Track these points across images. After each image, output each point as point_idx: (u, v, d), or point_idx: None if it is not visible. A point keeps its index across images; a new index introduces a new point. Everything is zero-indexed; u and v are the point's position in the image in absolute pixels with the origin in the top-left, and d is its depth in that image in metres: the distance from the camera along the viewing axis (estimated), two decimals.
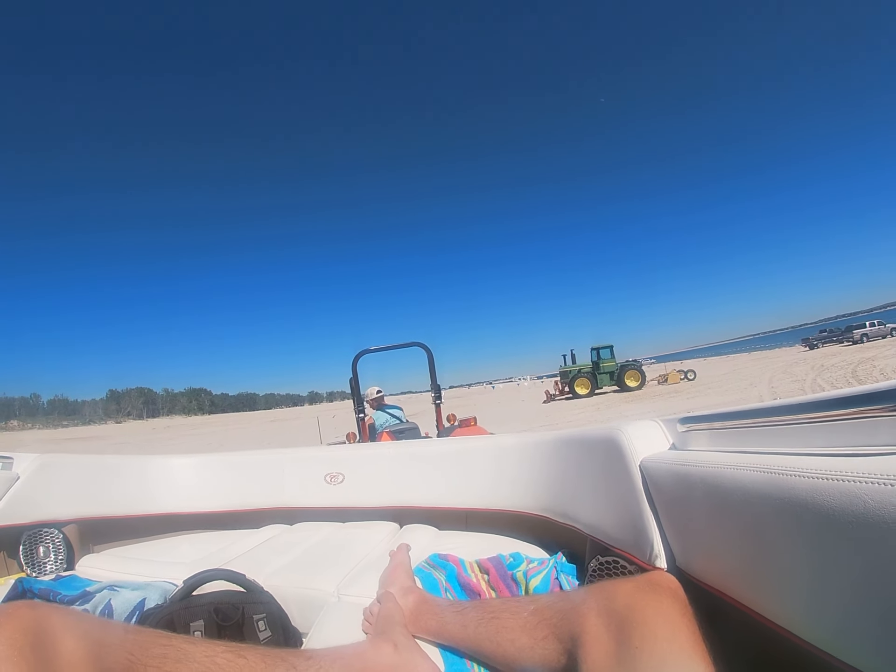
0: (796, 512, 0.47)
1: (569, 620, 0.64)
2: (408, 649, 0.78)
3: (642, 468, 0.81)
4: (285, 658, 0.67)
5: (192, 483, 1.86)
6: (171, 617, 0.97)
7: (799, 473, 0.47)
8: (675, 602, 0.59)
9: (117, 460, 1.83)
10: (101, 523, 1.61)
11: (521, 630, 0.70)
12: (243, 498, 1.82)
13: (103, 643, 0.55)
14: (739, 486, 0.55)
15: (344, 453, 1.86)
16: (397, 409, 4.60)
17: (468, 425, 3.83)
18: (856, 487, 0.41)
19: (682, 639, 0.53)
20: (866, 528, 0.40)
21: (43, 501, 1.50)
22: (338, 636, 0.87)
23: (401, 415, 4.53)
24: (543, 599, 0.76)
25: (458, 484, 1.52)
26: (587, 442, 1.06)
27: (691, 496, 0.66)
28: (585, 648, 0.58)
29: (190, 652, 0.60)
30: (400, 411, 4.58)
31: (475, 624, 0.77)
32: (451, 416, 4.15)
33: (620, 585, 0.65)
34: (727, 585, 0.61)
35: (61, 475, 1.58)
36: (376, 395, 4.60)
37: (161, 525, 1.77)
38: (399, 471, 1.66)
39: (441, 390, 3.80)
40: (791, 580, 0.48)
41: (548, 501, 1.22)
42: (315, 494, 1.73)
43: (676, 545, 0.73)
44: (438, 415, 3.85)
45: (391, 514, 1.66)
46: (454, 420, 4.07)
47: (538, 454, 1.33)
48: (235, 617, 0.99)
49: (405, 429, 4.03)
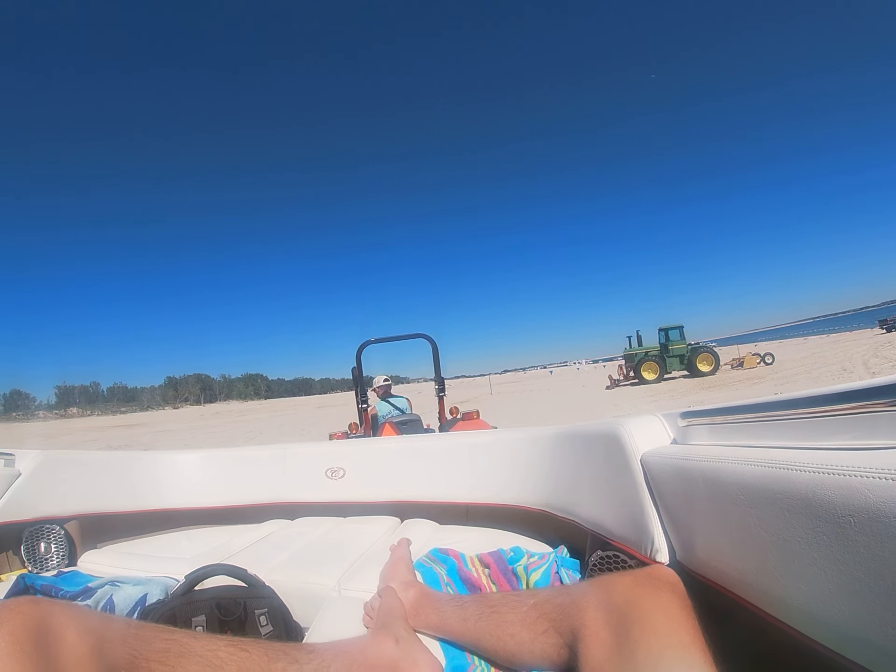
0: (797, 506, 0.47)
1: (569, 614, 0.64)
2: (409, 643, 0.78)
3: (643, 462, 0.81)
4: (287, 652, 0.67)
5: (193, 478, 1.86)
6: (172, 612, 0.98)
7: (799, 468, 0.47)
8: (674, 596, 0.59)
9: (119, 456, 1.84)
10: (102, 519, 1.61)
11: (521, 624, 0.70)
12: (244, 493, 1.83)
13: (105, 638, 0.55)
14: (740, 481, 0.55)
15: (344, 448, 1.86)
16: (402, 400, 4.53)
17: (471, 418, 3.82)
18: (856, 482, 0.41)
19: (682, 633, 0.53)
20: (867, 522, 0.40)
21: (45, 498, 1.50)
22: (339, 630, 0.88)
23: (404, 406, 4.47)
24: (544, 593, 0.76)
25: (459, 478, 1.53)
26: (588, 436, 1.07)
27: (692, 491, 0.66)
28: (585, 642, 0.58)
29: (192, 646, 0.60)
30: (404, 402, 4.52)
31: (475, 618, 0.77)
32: (453, 408, 4.13)
33: (620, 580, 0.65)
34: (727, 580, 0.61)
35: (63, 471, 1.58)
36: (383, 383, 4.53)
37: (162, 521, 1.78)
38: (400, 465, 1.66)
39: (445, 382, 3.76)
40: (791, 574, 0.48)
41: (548, 496, 1.23)
42: (316, 489, 1.74)
43: (677, 540, 0.73)
44: (441, 407, 3.84)
45: (392, 509, 1.66)
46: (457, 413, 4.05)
47: (539, 448, 1.33)
48: (237, 612, 0.99)
49: (408, 420, 3.97)
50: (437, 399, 3.79)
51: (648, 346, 19.68)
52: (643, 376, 18.26)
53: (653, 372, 18.31)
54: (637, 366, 18.56)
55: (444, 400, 3.83)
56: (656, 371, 18.31)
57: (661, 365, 18.35)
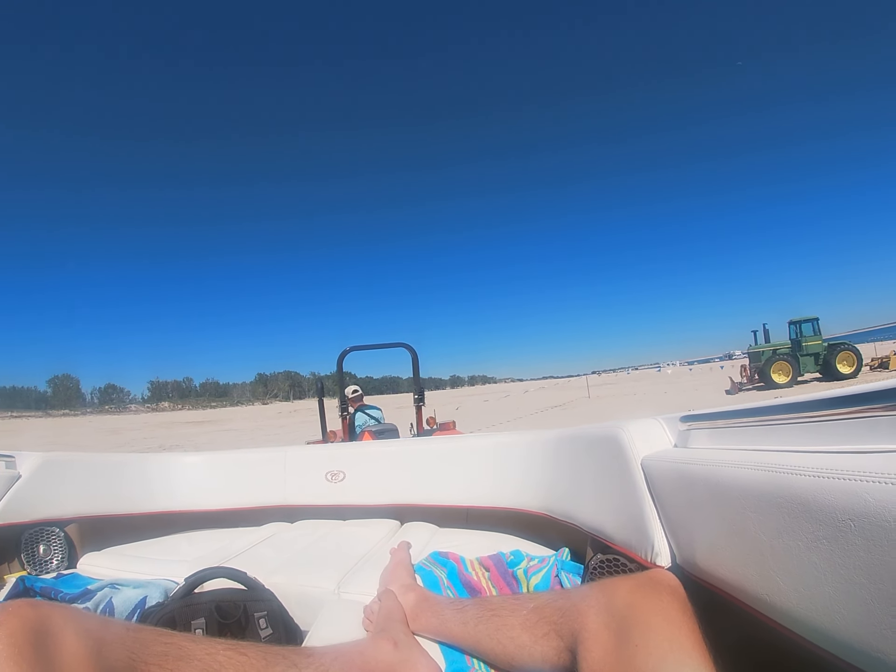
0: (797, 510, 0.47)
1: (569, 618, 0.64)
2: (408, 647, 0.78)
3: (643, 466, 0.81)
4: (286, 655, 0.67)
5: (193, 481, 1.86)
6: (172, 615, 0.97)
7: (800, 472, 0.47)
8: (675, 600, 0.59)
9: (118, 459, 1.84)
10: (102, 522, 1.61)
11: (521, 627, 0.70)
12: (244, 496, 1.83)
13: (104, 641, 0.55)
14: (740, 484, 0.55)
15: (344, 451, 1.86)
16: (376, 410, 4.65)
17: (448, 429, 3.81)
18: (856, 486, 0.41)
19: (682, 637, 0.53)
20: (867, 526, 0.39)
21: (44, 500, 1.50)
22: (338, 634, 0.88)
23: (379, 416, 4.58)
24: (544, 597, 0.76)
25: (459, 482, 1.53)
26: (588, 440, 1.06)
27: (692, 494, 0.66)
28: (585, 646, 0.58)
29: (191, 650, 0.60)
30: (378, 412, 4.63)
31: (475, 621, 0.77)
32: (430, 419, 4.16)
33: (621, 583, 0.65)
34: (728, 583, 0.61)
35: (63, 474, 1.58)
36: (352, 394, 4.59)
37: (162, 523, 1.77)
38: (399, 468, 1.66)
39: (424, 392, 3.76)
40: (791, 578, 0.48)
41: (548, 499, 1.23)
42: (316, 492, 1.74)
43: (677, 543, 0.73)
44: (419, 417, 3.82)
45: (392, 512, 1.66)
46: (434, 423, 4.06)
47: (539, 452, 1.33)
48: (236, 615, 0.99)
49: (384, 430, 4.03)
50: (415, 408, 3.77)
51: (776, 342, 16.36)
52: (773, 379, 14.97)
53: (784, 374, 15.04)
54: (765, 366, 15.25)
55: (422, 409, 3.83)
56: (788, 373, 15.01)
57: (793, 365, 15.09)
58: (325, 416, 3.93)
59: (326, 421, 3.94)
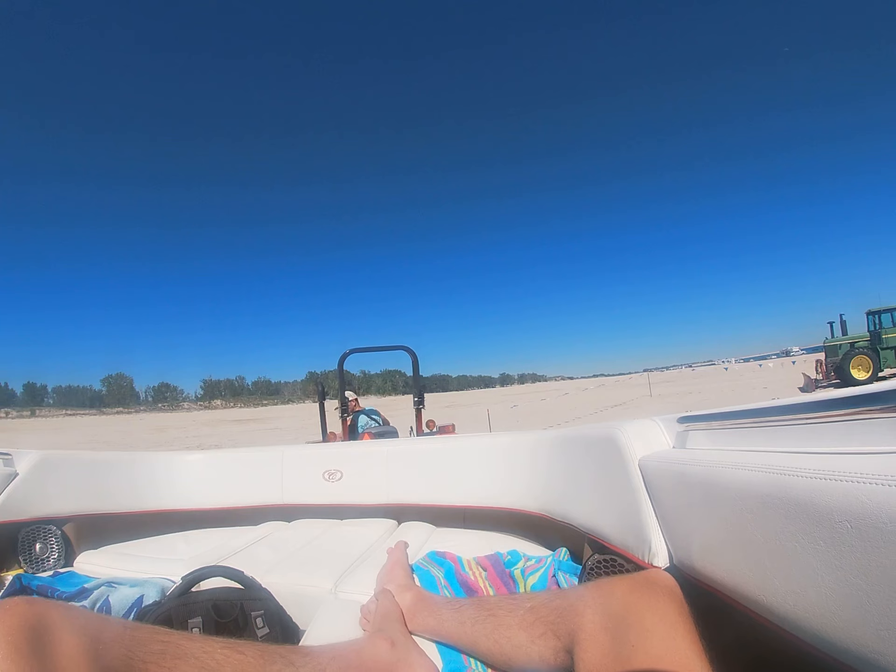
0: (795, 511, 0.47)
1: (566, 618, 0.64)
2: (405, 646, 0.78)
3: (641, 467, 0.81)
4: (283, 654, 0.67)
5: (190, 480, 1.86)
6: (169, 613, 0.97)
7: (797, 473, 0.47)
8: (672, 600, 0.59)
9: (116, 457, 1.84)
10: (99, 520, 1.61)
11: (518, 627, 0.70)
12: (241, 495, 1.82)
13: (101, 639, 0.54)
14: (738, 486, 0.55)
15: (342, 451, 1.86)
16: (374, 413, 4.82)
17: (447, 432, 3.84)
18: (854, 487, 0.41)
19: (679, 637, 0.53)
20: (864, 527, 0.40)
21: (41, 498, 1.50)
22: (335, 633, 0.87)
23: (378, 418, 4.74)
24: (540, 597, 0.76)
25: (457, 482, 1.53)
26: (586, 440, 1.07)
27: (689, 495, 0.66)
28: (582, 646, 0.58)
29: (188, 648, 0.60)
30: (377, 415, 4.79)
31: (472, 621, 0.77)
32: (430, 422, 4.24)
33: (618, 583, 0.65)
34: (725, 584, 0.61)
35: (60, 472, 1.57)
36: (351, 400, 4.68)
37: (159, 522, 1.77)
38: (397, 468, 1.66)
39: (424, 394, 3.78)
40: (788, 579, 0.48)
41: (546, 500, 1.23)
42: (313, 492, 1.73)
43: (674, 544, 0.73)
44: (419, 420, 3.84)
45: (389, 512, 1.66)
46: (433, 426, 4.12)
47: (536, 452, 1.33)
48: (233, 614, 0.99)
49: (384, 432, 4.16)
50: (415, 411, 3.78)
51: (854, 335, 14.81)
52: (852, 375, 13.50)
53: (864, 370, 13.52)
54: (843, 361, 13.76)
55: (422, 413, 3.85)
56: (869, 368, 13.49)
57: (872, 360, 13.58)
58: (326, 417, 3.95)
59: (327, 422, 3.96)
